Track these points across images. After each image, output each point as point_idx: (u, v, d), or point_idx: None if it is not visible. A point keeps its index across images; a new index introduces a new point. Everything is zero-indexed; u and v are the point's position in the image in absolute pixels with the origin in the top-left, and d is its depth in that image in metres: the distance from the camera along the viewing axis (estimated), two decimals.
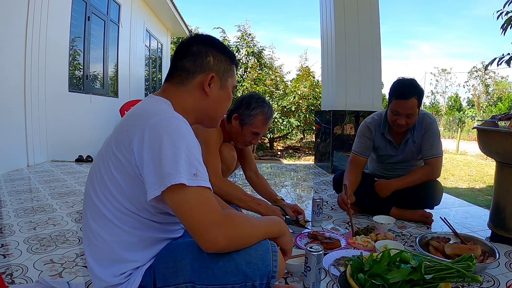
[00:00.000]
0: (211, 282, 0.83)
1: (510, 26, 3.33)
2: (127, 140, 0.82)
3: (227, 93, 1.00)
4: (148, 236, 0.89)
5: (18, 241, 1.62)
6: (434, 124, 1.97)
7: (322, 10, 4.27)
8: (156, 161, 0.76)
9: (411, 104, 1.82)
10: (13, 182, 2.93)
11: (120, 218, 0.86)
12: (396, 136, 2.04)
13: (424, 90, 1.92)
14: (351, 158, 2.12)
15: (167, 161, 0.75)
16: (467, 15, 59.23)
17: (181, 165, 0.76)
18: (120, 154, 0.83)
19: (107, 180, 0.85)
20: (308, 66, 10.98)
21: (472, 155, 9.70)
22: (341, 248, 1.54)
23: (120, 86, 6.64)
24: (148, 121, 0.81)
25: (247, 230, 0.85)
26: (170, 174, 0.75)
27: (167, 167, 0.75)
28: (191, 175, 0.76)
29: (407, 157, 2.06)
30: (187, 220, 0.77)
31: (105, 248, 0.86)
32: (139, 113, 0.87)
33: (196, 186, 0.76)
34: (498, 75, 25.76)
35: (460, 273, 1.05)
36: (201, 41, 0.97)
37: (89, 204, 0.89)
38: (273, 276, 0.85)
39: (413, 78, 1.92)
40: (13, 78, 3.57)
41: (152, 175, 0.77)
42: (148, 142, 0.78)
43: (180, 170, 0.75)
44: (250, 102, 1.76)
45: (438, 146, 1.95)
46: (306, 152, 9.71)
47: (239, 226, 0.82)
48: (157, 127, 0.79)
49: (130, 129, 0.83)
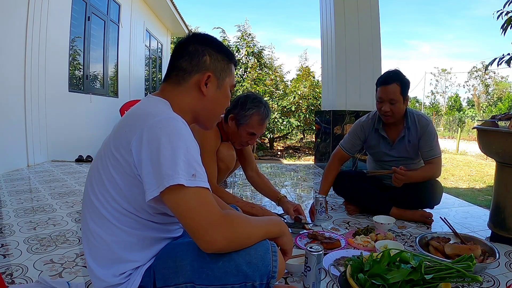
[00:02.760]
0: (211, 282, 0.83)
1: (510, 26, 3.32)
2: (126, 140, 0.82)
3: (224, 93, 1.00)
4: (147, 236, 0.89)
5: (18, 241, 1.62)
6: (431, 126, 1.99)
7: (322, 10, 4.27)
8: (155, 162, 0.76)
9: (392, 89, 1.88)
10: (13, 182, 2.93)
11: (119, 218, 0.86)
12: (391, 133, 2.06)
13: (409, 82, 1.94)
14: (337, 151, 2.18)
15: (166, 162, 0.76)
16: (467, 15, 59.38)
17: (180, 165, 0.76)
18: (119, 154, 0.83)
19: (106, 180, 0.85)
20: (308, 66, 10.98)
21: (472, 155, 9.70)
22: (341, 248, 1.54)
23: (120, 86, 6.64)
24: (147, 122, 0.81)
25: (247, 230, 0.85)
26: (168, 175, 0.75)
27: (166, 168, 0.75)
28: (190, 176, 0.76)
29: (402, 155, 2.06)
30: (186, 221, 0.77)
31: (105, 248, 0.86)
32: (138, 114, 0.88)
33: (194, 187, 0.77)
34: (498, 75, 25.81)
35: (460, 273, 1.05)
36: (198, 40, 0.97)
37: (88, 204, 0.89)
38: (273, 276, 0.85)
39: (398, 69, 1.99)
40: (13, 78, 3.57)
41: (150, 176, 0.77)
42: (146, 143, 0.78)
43: (179, 170, 0.75)
44: (246, 102, 1.75)
45: (436, 147, 1.97)
46: (306, 152, 9.71)
47: (238, 226, 0.82)
48: (155, 128, 0.79)
49: (128, 129, 0.83)
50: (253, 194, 2.64)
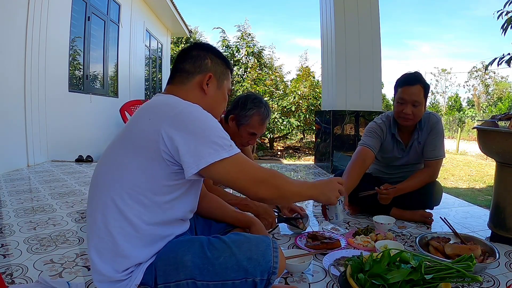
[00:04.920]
0: (212, 278, 0.85)
1: (510, 26, 3.33)
2: (152, 127, 0.87)
3: (223, 94, 1.09)
4: (151, 232, 0.90)
5: (18, 241, 1.62)
6: (440, 124, 1.95)
7: (322, 10, 4.27)
8: (193, 141, 0.84)
9: (416, 90, 1.81)
10: (13, 182, 2.93)
11: (132, 207, 0.87)
12: (404, 137, 2.01)
13: (429, 86, 1.91)
14: (360, 150, 1.96)
15: (205, 139, 0.85)
16: (467, 15, 59.16)
17: (217, 142, 0.86)
18: (143, 141, 0.87)
19: (124, 170, 0.88)
20: (308, 66, 10.96)
21: (472, 155, 9.70)
22: (341, 248, 1.54)
23: (120, 86, 6.63)
24: (174, 109, 0.89)
25: (285, 184, 0.95)
26: (211, 152, 0.84)
27: (207, 144, 0.84)
28: (228, 147, 0.87)
29: (412, 159, 2.03)
30: (237, 184, 0.89)
31: (109, 240, 0.87)
32: (158, 105, 0.93)
33: (234, 155, 0.87)
34: (498, 75, 25.77)
35: (460, 273, 1.05)
36: (200, 47, 1.09)
37: (98, 197, 0.91)
38: (273, 272, 0.87)
39: (418, 71, 1.94)
40: (13, 78, 3.57)
41: (191, 153, 0.84)
42: (180, 127, 0.85)
43: (220, 145, 0.86)
44: (246, 102, 1.75)
45: (441, 147, 1.93)
46: (306, 152, 9.71)
47: (279, 179, 0.93)
48: (184, 114, 0.88)
49: (153, 117, 0.89)
50: None
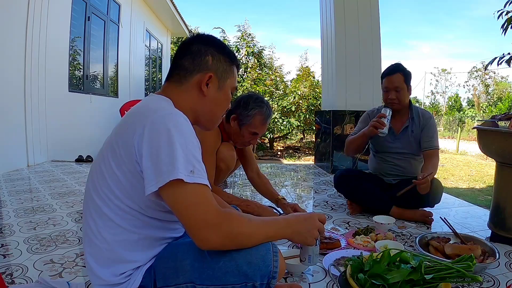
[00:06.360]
0: (211, 282, 0.83)
1: (511, 26, 3.33)
2: (128, 136, 0.82)
3: (225, 95, 1.00)
4: (148, 235, 0.89)
5: (18, 241, 1.62)
6: (433, 119, 2.13)
7: (322, 10, 4.27)
8: (154, 157, 0.77)
9: (397, 78, 2.03)
10: (13, 182, 2.93)
11: (122, 216, 0.85)
12: (395, 123, 2.13)
13: (411, 72, 2.10)
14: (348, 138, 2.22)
15: (165, 157, 0.76)
16: (467, 15, 59.33)
17: (179, 161, 0.76)
18: (122, 151, 0.83)
19: (108, 178, 0.85)
20: (308, 66, 10.94)
21: (472, 155, 9.70)
22: (341, 248, 1.54)
23: (120, 86, 6.63)
24: (149, 117, 0.81)
25: (246, 230, 0.82)
26: (167, 171, 0.75)
27: (165, 163, 0.76)
28: (188, 172, 0.76)
29: (405, 147, 2.10)
30: (182, 217, 0.77)
31: (105, 248, 0.86)
32: (140, 111, 0.88)
33: (193, 183, 0.77)
34: (498, 75, 25.77)
35: (460, 273, 1.05)
36: (201, 41, 0.98)
37: (90, 203, 0.89)
38: (273, 276, 0.85)
39: (399, 62, 2.13)
40: (13, 78, 3.56)
41: (150, 171, 0.77)
42: (147, 138, 0.79)
43: (178, 166, 0.75)
44: (248, 102, 1.76)
45: (436, 139, 2.07)
46: (306, 152, 9.71)
47: (236, 226, 0.80)
48: (156, 124, 0.80)
49: (131, 126, 0.84)
50: (253, 194, 2.64)
